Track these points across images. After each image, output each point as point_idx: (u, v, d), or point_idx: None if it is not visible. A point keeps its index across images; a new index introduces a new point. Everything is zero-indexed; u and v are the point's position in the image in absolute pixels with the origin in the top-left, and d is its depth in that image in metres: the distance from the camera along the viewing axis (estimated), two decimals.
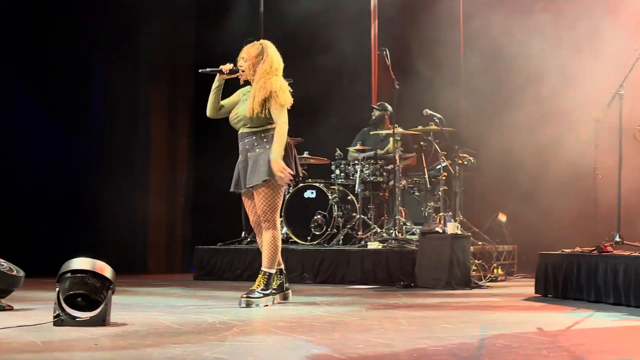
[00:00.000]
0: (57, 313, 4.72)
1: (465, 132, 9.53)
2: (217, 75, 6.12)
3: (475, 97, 9.83)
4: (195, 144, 11.01)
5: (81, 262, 4.80)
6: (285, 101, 5.95)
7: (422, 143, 8.98)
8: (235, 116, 6.10)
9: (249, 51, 6.07)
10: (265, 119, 5.97)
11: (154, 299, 6.67)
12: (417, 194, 9.10)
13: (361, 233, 8.88)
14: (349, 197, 9.08)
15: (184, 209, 10.95)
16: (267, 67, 5.99)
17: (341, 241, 8.89)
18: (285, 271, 6.33)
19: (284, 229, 8.93)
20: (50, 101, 10.00)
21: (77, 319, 4.72)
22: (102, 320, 4.72)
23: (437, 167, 8.89)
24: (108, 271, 4.82)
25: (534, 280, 6.96)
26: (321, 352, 3.89)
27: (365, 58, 10.47)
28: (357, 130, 9.72)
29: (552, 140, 8.98)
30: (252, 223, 6.23)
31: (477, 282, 7.76)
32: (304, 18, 9.96)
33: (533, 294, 6.83)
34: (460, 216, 8.74)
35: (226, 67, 6.07)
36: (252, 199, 6.11)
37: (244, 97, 6.14)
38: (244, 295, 5.95)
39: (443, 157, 8.80)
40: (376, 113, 9.55)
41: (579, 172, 8.65)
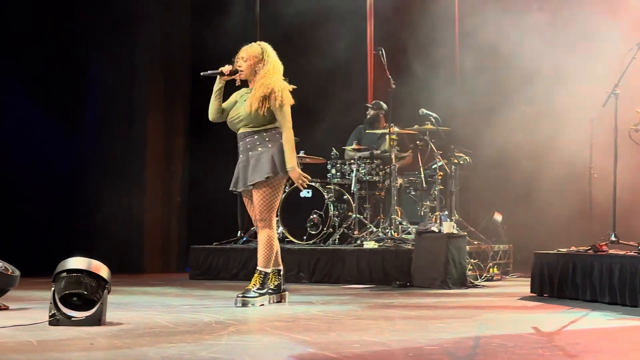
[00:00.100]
0: (53, 312, 4.72)
1: (461, 131, 9.54)
2: (217, 77, 6.12)
3: (471, 96, 9.82)
4: (192, 144, 11.00)
5: (77, 262, 4.80)
6: (285, 100, 5.97)
7: (418, 142, 8.99)
8: (236, 116, 6.08)
9: (248, 51, 6.07)
10: (265, 118, 5.98)
11: (149, 299, 6.67)
12: (413, 193, 9.11)
13: (357, 232, 8.89)
14: (345, 197, 9.08)
15: (180, 208, 10.94)
16: (270, 67, 6.03)
17: (337, 240, 8.88)
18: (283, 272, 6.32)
19: (280, 228, 8.93)
20: (47, 100, 10.00)
21: (72, 319, 4.72)
22: (97, 320, 4.72)
23: (433, 167, 8.89)
24: (104, 271, 4.82)
25: (529, 280, 6.97)
26: (317, 351, 3.89)
27: (361, 57, 10.47)
28: (352, 129, 9.72)
29: (547, 140, 8.99)
30: (254, 222, 6.22)
31: (472, 281, 7.77)
32: (300, 17, 9.95)
33: (529, 294, 6.84)
34: (456, 215, 8.74)
35: (226, 68, 6.07)
36: (252, 198, 6.11)
37: (241, 98, 6.14)
38: (239, 295, 5.95)
39: (439, 157, 8.81)
40: (371, 112, 9.54)
41: (574, 171, 8.67)
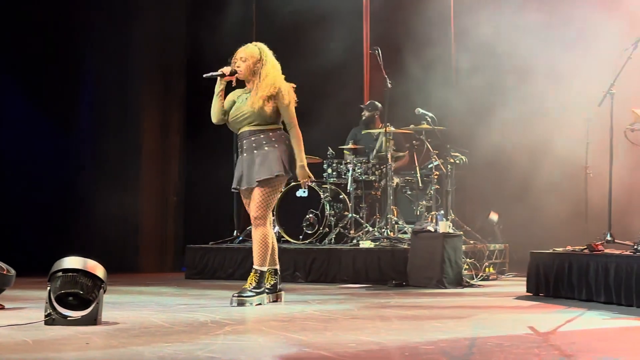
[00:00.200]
0: (49, 312, 4.71)
1: (457, 130, 9.54)
2: (217, 79, 6.10)
3: (466, 95, 9.83)
4: (187, 143, 10.99)
5: (72, 261, 4.79)
6: (292, 99, 6.04)
7: (414, 142, 8.99)
8: (240, 114, 6.05)
9: (246, 52, 6.07)
10: (271, 117, 6.01)
11: (145, 298, 6.66)
12: (409, 192, 9.11)
13: (353, 232, 8.89)
14: (341, 196, 9.08)
15: (176, 207, 10.93)
16: (270, 67, 6.04)
17: (333, 240, 8.88)
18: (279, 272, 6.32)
19: (276, 228, 8.92)
20: (42, 100, 9.99)
21: (68, 318, 4.71)
22: (93, 320, 4.71)
23: (429, 166, 8.89)
24: (99, 270, 4.82)
25: (525, 279, 6.97)
26: (313, 351, 3.89)
27: (357, 57, 10.47)
28: (348, 128, 9.72)
29: (543, 139, 8.99)
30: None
31: (468, 281, 7.77)
32: (296, 17, 9.96)
33: (524, 293, 6.84)
34: (452, 215, 8.75)
35: (226, 69, 6.07)
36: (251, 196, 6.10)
37: (239, 98, 6.12)
38: (235, 294, 5.93)
39: (435, 156, 8.81)
40: (366, 113, 9.54)
41: (570, 171, 8.68)
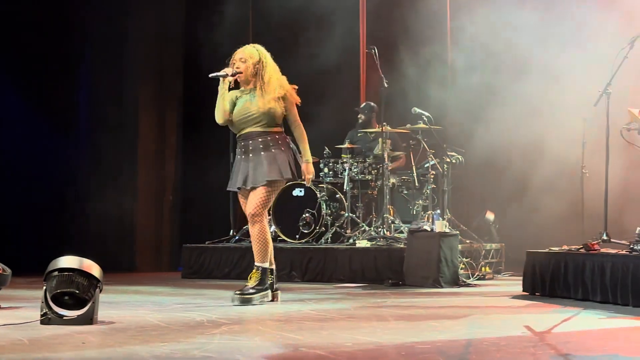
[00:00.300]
0: (45, 311, 4.71)
1: (454, 130, 9.55)
2: (220, 79, 6.09)
3: (463, 95, 9.83)
4: (183, 143, 10.99)
5: (68, 261, 4.79)
6: (296, 100, 6.12)
7: (410, 141, 8.99)
8: (246, 115, 6.03)
9: (245, 53, 6.07)
10: (279, 119, 6.06)
11: (141, 298, 6.66)
12: (406, 192, 9.11)
13: (349, 231, 8.89)
14: (337, 196, 9.08)
15: (172, 207, 10.93)
16: (271, 68, 6.06)
17: (329, 239, 8.88)
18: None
19: (272, 227, 8.92)
20: (38, 100, 9.98)
21: (64, 318, 4.71)
22: (89, 319, 4.71)
23: (426, 166, 8.89)
24: (95, 269, 4.81)
25: (521, 279, 6.97)
26: (309, 350, 3.89)
27: (354, 56, 10.47)
28: (345, 127, 9.72)
29: (539, 139, 9.00)
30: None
31: (465, 280, 7.77)
32: (292, 16, 9.95)
33: (521, 292, 6.84)
34: (449, 214, 8.74)
35: (229, 70, 6.07)
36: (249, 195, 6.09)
37: (240, 99, 6.10)
38: (237, 292, 5.91)
39: (431, 156, 8.81)
40: (362, 117, 9.53)
41: (566, 170, 8.68)
